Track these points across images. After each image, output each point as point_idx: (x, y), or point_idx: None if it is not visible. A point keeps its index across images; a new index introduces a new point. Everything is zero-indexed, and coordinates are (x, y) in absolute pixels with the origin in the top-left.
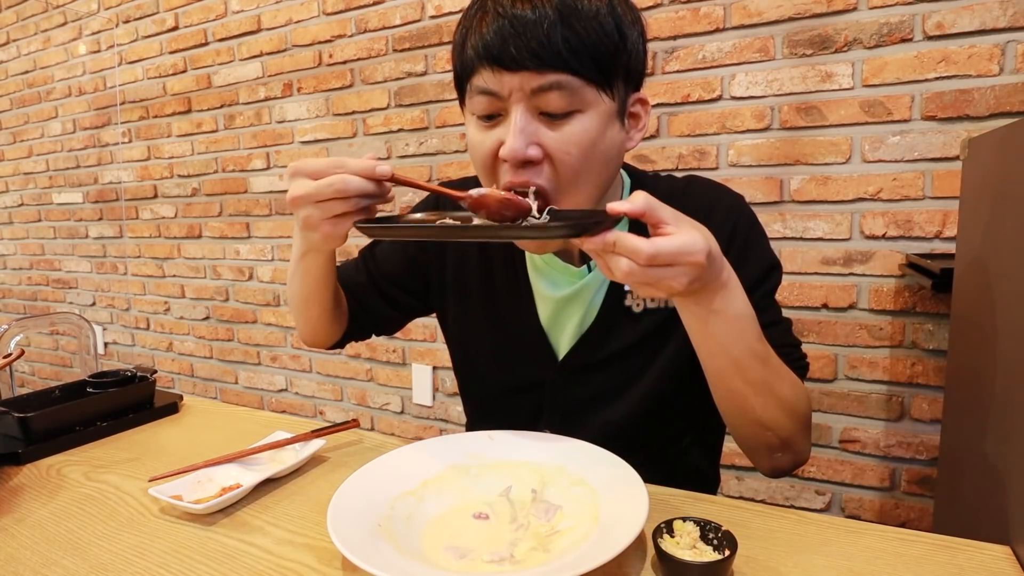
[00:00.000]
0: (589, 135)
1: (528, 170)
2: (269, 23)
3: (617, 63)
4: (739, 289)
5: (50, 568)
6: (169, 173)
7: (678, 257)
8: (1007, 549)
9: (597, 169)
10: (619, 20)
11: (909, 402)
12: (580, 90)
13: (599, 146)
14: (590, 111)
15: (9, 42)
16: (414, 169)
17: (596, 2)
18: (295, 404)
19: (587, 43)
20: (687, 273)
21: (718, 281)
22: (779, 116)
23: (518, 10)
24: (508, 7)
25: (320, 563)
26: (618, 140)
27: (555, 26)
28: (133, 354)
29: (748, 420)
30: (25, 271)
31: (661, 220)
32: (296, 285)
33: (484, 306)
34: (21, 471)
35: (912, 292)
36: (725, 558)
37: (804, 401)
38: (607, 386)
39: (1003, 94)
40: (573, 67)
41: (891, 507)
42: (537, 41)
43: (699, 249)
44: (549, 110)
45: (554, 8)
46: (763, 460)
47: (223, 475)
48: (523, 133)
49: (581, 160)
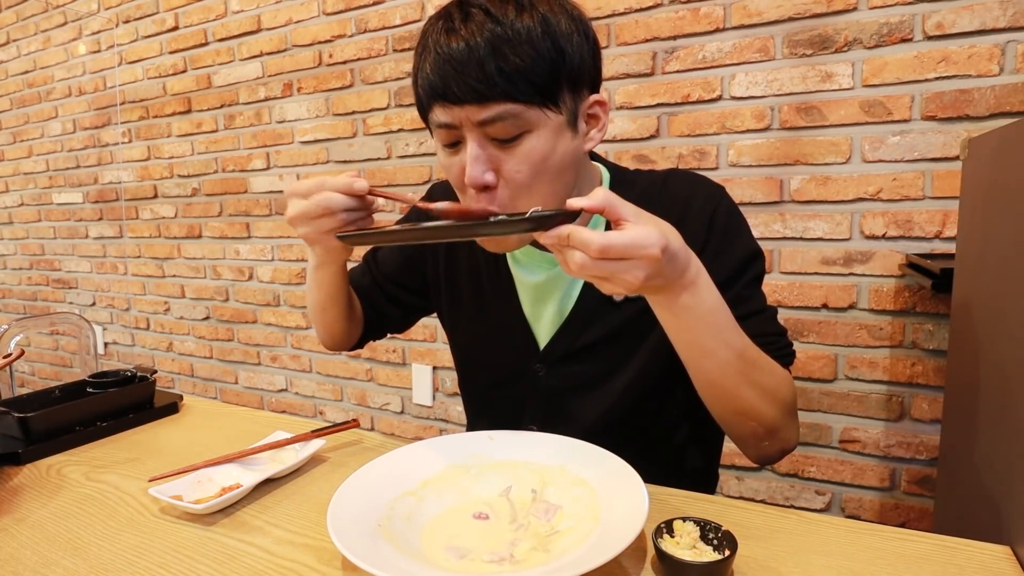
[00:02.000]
0: (538, 152)
1: (485, 195)
2: (269, 23)
3: (558, 79)
4: (709, 285)
5: (50, 568)
6: (169, 173)
7: (630, 251)
8: (1007, 549)
9: (550, 180)
10: (554, 36)
11: (909, 402)
12: (523, 114)
13: (550, 160)
14: (538, 130)
15: (9, 42)
16: (414, 169)
17: (528, 23)
18: (295, 404)
19: (522, 70)
20: (642, 267)
21: (684, 277)
22: (779, 116)
23: (453, 47)
24: (444, 45)
25: (320, 563)
26: (571, 147)
27: (488, 59)
28: (133, 354)
29: (730, 410)
30: (25, 271)
31: (620, 216)
32: (312, 295)
33: (472, 299)
34: (21, 471)
35: (912, 292)
36: (725, 558)
37: (787, 389)
38: (589, 376)
39: (1003, 94)
40: (512, 95)
41: (891, 507)
42: (473, 77)
43: (652, 243)
44: (498, 137)
45: (486, 40)
46: (750, 449)
47: (223, 475)
48: (478, 161)
49: (532, 176)
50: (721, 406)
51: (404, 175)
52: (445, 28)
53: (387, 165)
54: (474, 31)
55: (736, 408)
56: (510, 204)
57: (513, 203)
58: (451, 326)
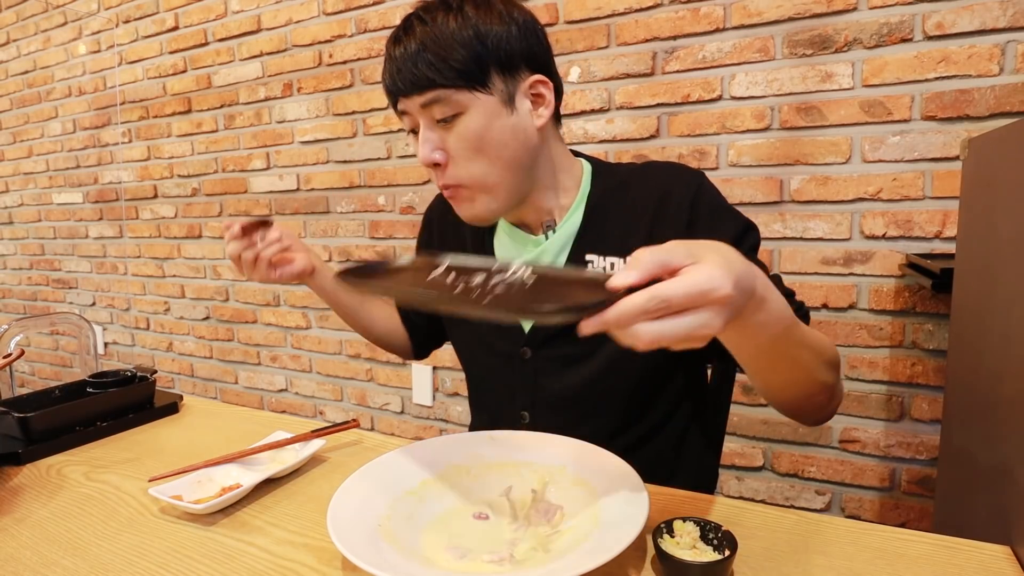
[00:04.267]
0: (472, 130)
1: (439, 172)
2: (269, 23)
3: (483, 64)
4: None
5: (50, 568)
6: (169, 173)
7: (698, 300)
8: (1007, 549)
9: (495, 151)
10: (476, 27)
11: (909, 402)
12: (453, 96)
13: (490, 133)
14: (470, 111)
15: (9, 42)
16: (414, 169)
17: (451, 23)
18: (295, 404)
19: (446, 60)
20: (718, 312)
21: (754, 297)
22: (779, 116)
23: (397, 52)
24: (392, 51)
25: (320, 563)
26: (509, 124)
27: (419, 55)
28: (133, 354)
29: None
30: (25, 271)
31: (673, 264)
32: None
33: None
34: (21, 471)
35: (912, 292)
36: (725, 558)
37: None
38: (574, 355)
39: (1003, 94)
40: (439, 82)
41: (891, 507)
42: (408, 71)
43: (720, 283)
44: (439, 118)
45: (418, 41)
46: (810, 418)
47: (223, 475)
48: (426, 143)
49: (473, 151)
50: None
51: (404, 175)
52: (393, 39)
53: (387, 165)
54: (411, 36)
55: (810, 393)
56: (460, 176)
57: (462, 176)
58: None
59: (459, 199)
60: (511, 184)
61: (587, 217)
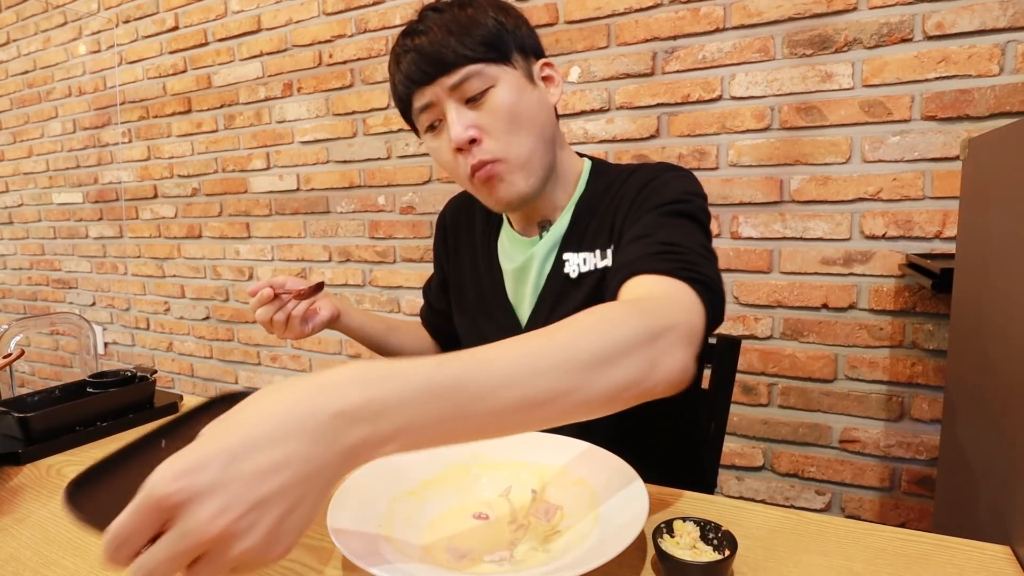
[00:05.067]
0: (507, 100)
1: (475, 148)
2: (269, 23)
3: (505, 42)
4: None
5: (50, 568)
6: (169, 173)
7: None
8: (1007, 549)
9: (528, 123)
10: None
11: (909, 402)
12: (485, 71)
13: (520, 104)
14: (500, 83)
15: (9, 42)
16: (413, 169)
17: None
18: None
19: (475, 36)
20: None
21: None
22: (779, 116)
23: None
24: (411, 45)
25: (320, 563)
26: (535, 97)
27: (447, 39)
28: (133, 354)
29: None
30: (25, 271)
31: None
32: None
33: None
34: (21, 471)
35: (912, 292)
36: (725, 558)
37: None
38: None
39: (1003, 94)
40: (472, 57)
41: (891, 507)
42: (439, 55)
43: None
44: (470, 95)
45: (441, 28)
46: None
47: None
48: (459, 122)
49: (509, 120)
50: None
51: (404, 175)
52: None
53: (387, 165)
54: (430, 26)
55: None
56: (497, 150)
57: (499, 150)
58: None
59: (494, 178)
60: (543, 159)
61: (575, 218)
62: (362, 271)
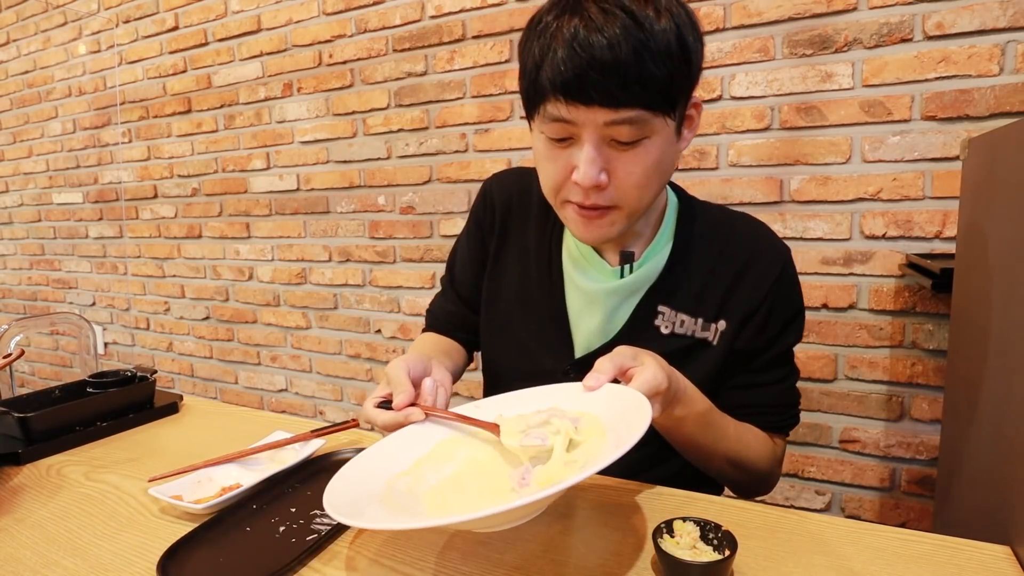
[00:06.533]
0: (653, 156)
1: (596, 193)
2: (269, 23)
3: (682, 87)
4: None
5: (50, 568)
6: (169, 173)
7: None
8: (1007, 549)
9: (656, 181)
10: (685, 45)
11: (909, 402)
12: (650, 121)
13: (661, 163)
14: (656, 135)
15: (9, 42)
16: (414, 169)
17: (667, 33)
18: (295, 404)
19: (660, 80)
20: (657, 402)
21: (680, 394)
22: (779, 116)
23: (595, 46)
24: (584, 41)
25: (320, 563)
26: (676, 151)
27: (630, 66)
28: (133, 354)
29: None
30: (25, 271)
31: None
32: None
33: (516, 287)
34: (21, 471)
35: (912, 292)
36: (725, 558)
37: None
38: None
39: (1003, 94)
40: (645, 103)
41: (891, 507)
42: (615, 83)
43: (661, 380)
44: (620, 139)
45: (630, 47)
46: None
47: (223, 475)
48: (594, 163)
49: (644, 178)
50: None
51: (404, 175)
52: (584, 23)
53: (387, 165)
54: (618, 33)
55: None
56: (618, 198)
57: (619, 198)
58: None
59: (598, 221)
60: (649, 207)
61: (670, 265)
62: (362, 271)
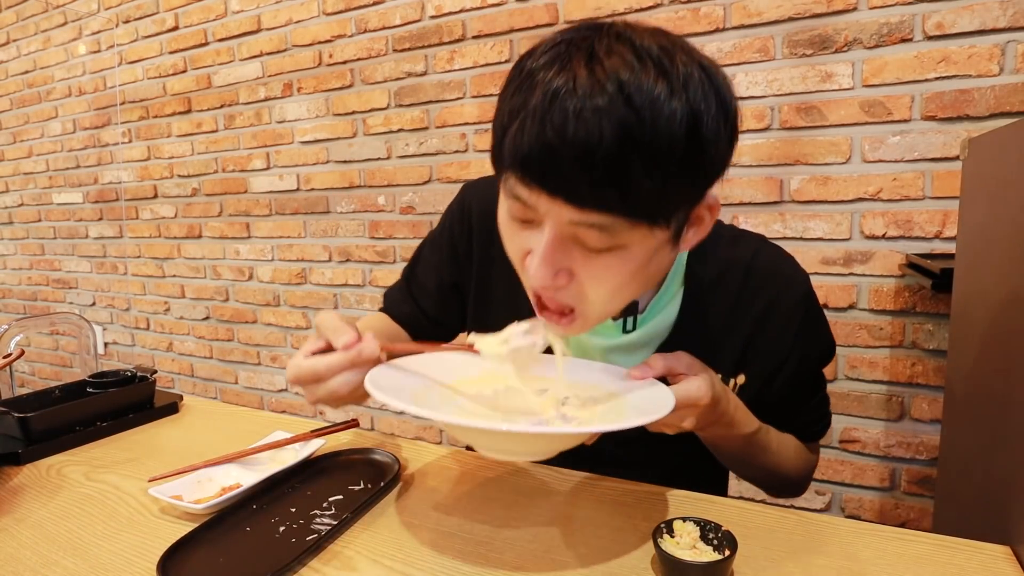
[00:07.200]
0: (628, 268)
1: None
2: (269, 23)
3: (688, 197)
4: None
5: (50, 568)
6: (169, 173)
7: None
8: (1007, 549)
9: (634, 290)
10: (699, 138)
11: (909, 402)
12: (625, 231)
13: (639, 274)
14: (634, 246)
15: (9, 42)
16: (414, 169)
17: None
18: (295, 404)
19: (648, 189)
20: (694, 415)
21: (725, 417)
22: (779, 116)
23: (568, 124)
24: (559, 114)
25: (320, 563)
26: (668, 260)
27: (609, 163)
28: (133, 354)
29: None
30: (25, 271)
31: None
32: None
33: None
34: (21, 471)
35: (912, 292)
36: (725, 558)
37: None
38: None
39: (1003, 94)
40: (623, 212)
41: (891, 507)
42: (583, 177)
43: (703, 394)
44: (586, 244)
45: (614, 136)
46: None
47: (223, 475)
48: (549, 264)
49: (615, 289)
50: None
51: (404, 175)
52: (567, 87)
53: (387, 165)
54: (601, 113)
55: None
56: (580, 303)
57: (574, 301)
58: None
59: (557, 318)
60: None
61: (683, 315)
62: (362, 271)
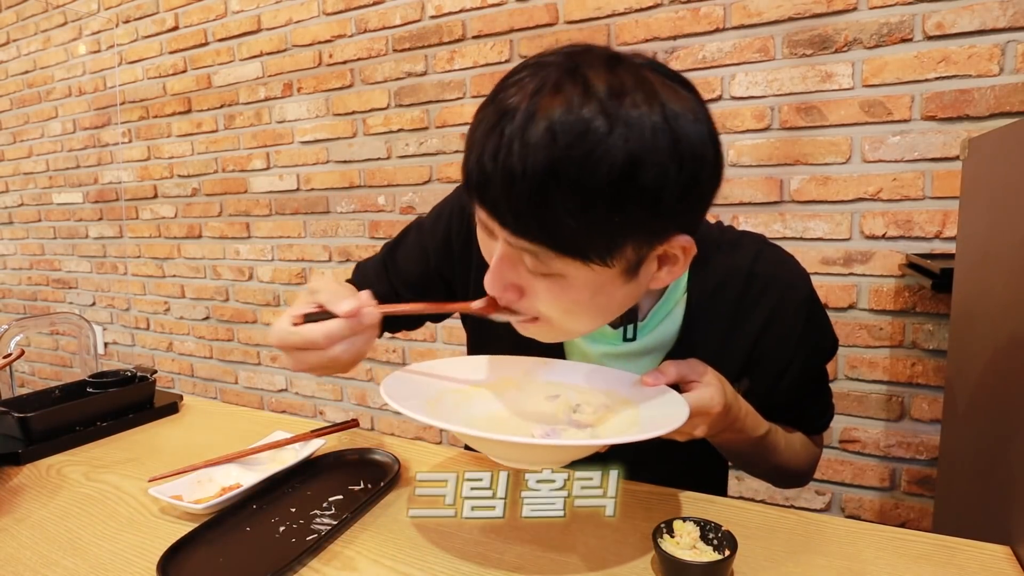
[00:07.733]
0: (570, 296)
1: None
2: (269, 23)
3: (624, 239)
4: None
5: (50, 568)
6: (169, 173)
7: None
8: (1007, 549)
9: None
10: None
11: (909, 402)
12: (557, 261)
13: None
14: (572, 278)
15: (9, 42)
16: (414, 169)
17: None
18: (295, 404)
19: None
20: (705, 422)
21: (736, 423)
22: (779, 116)
23: (500, 153)
24: (492, 145)
25: (320, 563)
26: (622, 293)
27: (533, 193)
28: (133, 354)
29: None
30: (25, 271)
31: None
32: None
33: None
34: (21, 471)
35: (912, 292)
36: (725, 558)
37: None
38: None
39: (1003, 94)
40: (547, 244)
41: (891, 507)
42: (508, 204)
43: (716, 403)
44: (526, 266)
45: (538, 167)
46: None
47: (223, 475)
48: (498, 277)
49: (565, 312)
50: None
51: (404, 175)
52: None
53: (387, 165)
54: (530, 145)
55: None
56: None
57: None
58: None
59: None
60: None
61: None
62: None
